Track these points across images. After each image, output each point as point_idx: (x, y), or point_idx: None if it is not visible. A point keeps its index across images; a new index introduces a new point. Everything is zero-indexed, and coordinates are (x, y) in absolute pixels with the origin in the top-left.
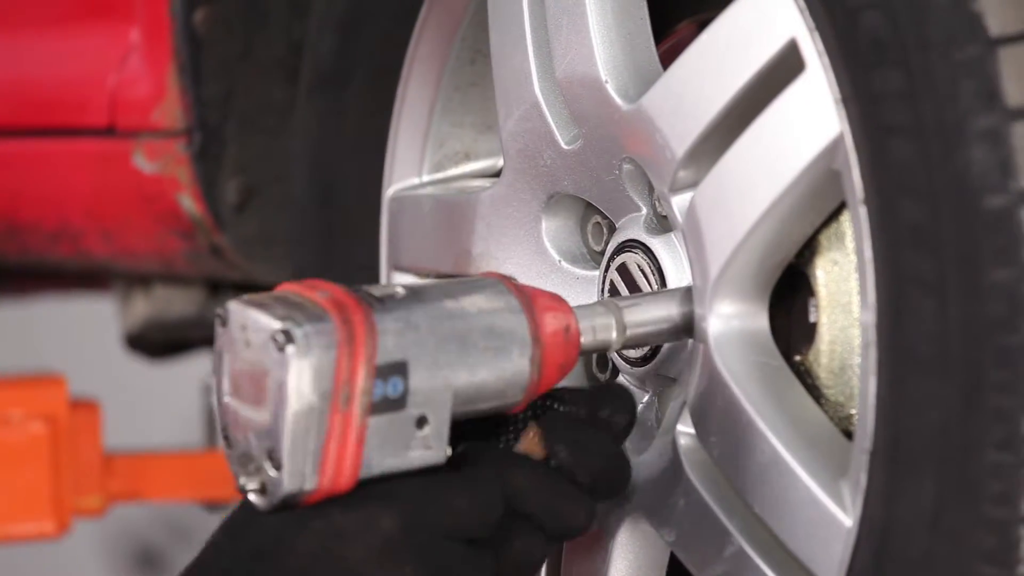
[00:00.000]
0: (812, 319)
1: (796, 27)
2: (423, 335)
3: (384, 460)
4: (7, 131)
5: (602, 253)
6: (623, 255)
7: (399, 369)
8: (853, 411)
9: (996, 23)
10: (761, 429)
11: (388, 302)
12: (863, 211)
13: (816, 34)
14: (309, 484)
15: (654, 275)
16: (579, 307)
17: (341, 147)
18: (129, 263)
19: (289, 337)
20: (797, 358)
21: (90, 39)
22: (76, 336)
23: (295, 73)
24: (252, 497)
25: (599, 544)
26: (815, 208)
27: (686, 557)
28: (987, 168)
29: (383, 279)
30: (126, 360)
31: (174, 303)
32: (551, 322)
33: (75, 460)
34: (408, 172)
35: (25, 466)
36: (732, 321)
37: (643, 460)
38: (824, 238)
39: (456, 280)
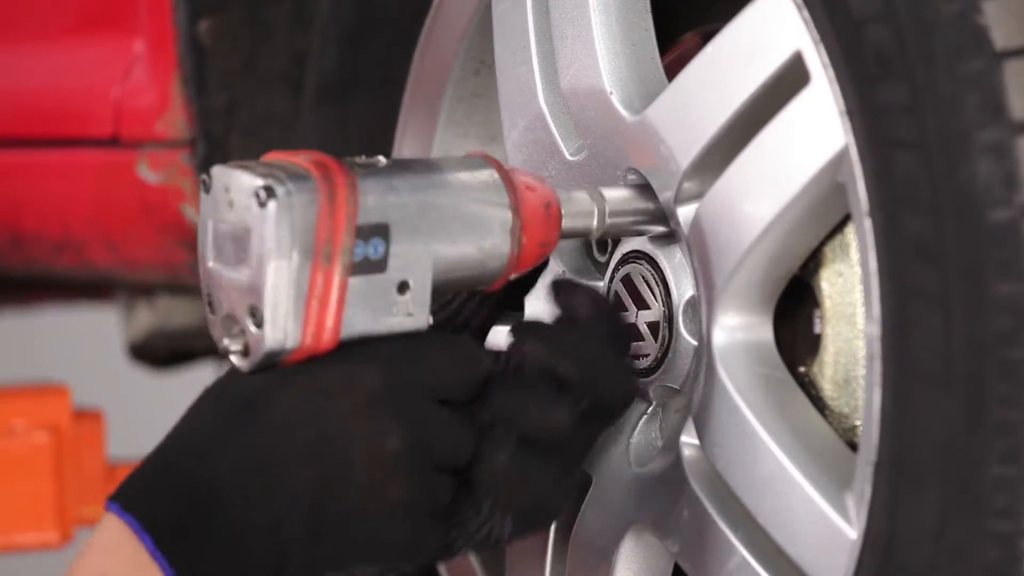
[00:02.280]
0: (817, 331)
1: (801, 39)
2: (405, 200)
3: (366, 322)
4: (11, 141)
5: (606, 264)
6: (627, 266)
7: (380, 231)
8: (857, 423)
9: (1001, 36)
10: (765, 440)
11: (371, 167)
12: (868, 223)
13: (821, 46)
14: (291, 341)
15: (659, 286)
16: (562, 191)
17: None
18: (133, 273)
19: (271, 193)
20: (801, 369)
21: (94, 50)
22: (80, 346)
23: (299, 84)
24: (235, 359)
25: (603, 555)
26: (820, 220)
27: (690, 568)
28: (992, 181)
29: None
30: (130, 370)
31: (178, 313)
32: (532, 198)
33: (79, 470)
34: None
35: (29, 476)
36: (737, 332)
37: (647, 471)
38: (829, 250)
39: (439, 156)
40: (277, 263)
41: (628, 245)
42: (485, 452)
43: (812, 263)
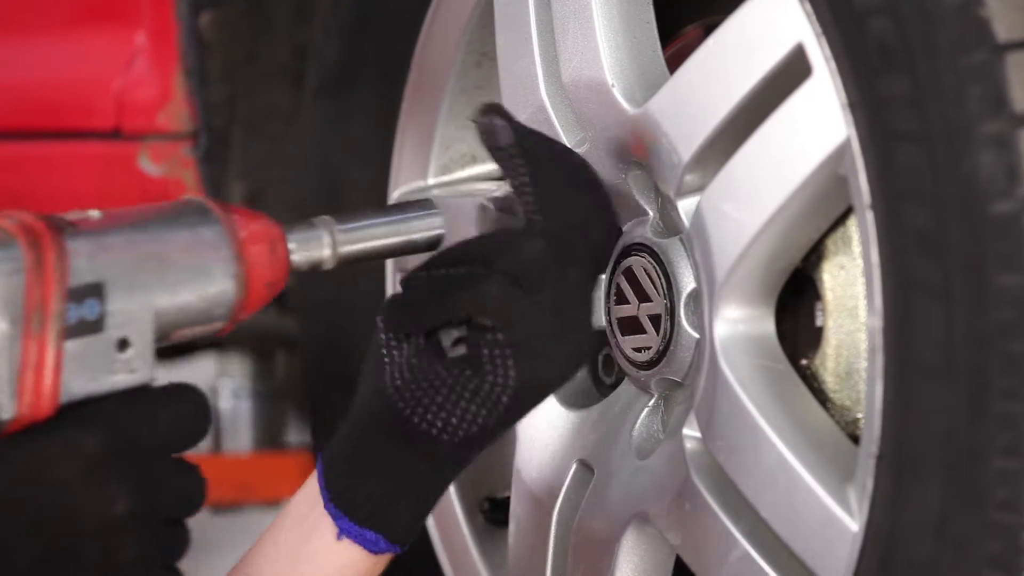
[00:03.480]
0: (819, 323)
1: (803, 32)
2: (118, 256)
3: (86, 384)
4: (13, 134)
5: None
6: (629, 259)
7: (94, 291)
8: (859, 415)
9: (1003, 29)
10: (767, 433)
11: (81, 226)
12: (870, 216)
13: (823, 39)
14: (7, 412)
15: (660, 279)
16: (290, 225)
17: (347, 150)
18: None
19: None
20: (803, 362)
21: (96, 42)
22: None
23: (300, 77)
24: None
25: (605, 547)
26: (822, 213)
27: (692, 561)
28: (994, 174)
29: (389, 282)
30: None
31: None
32: (255, 238)
33: None
34: (414, 175)
35: None
36: (738, 325)
37: (649, 463)
38: (831, 242)
39: (155, 204)
40: None
41: (630, 238)
42: (472, 289)
43: (814, 256)
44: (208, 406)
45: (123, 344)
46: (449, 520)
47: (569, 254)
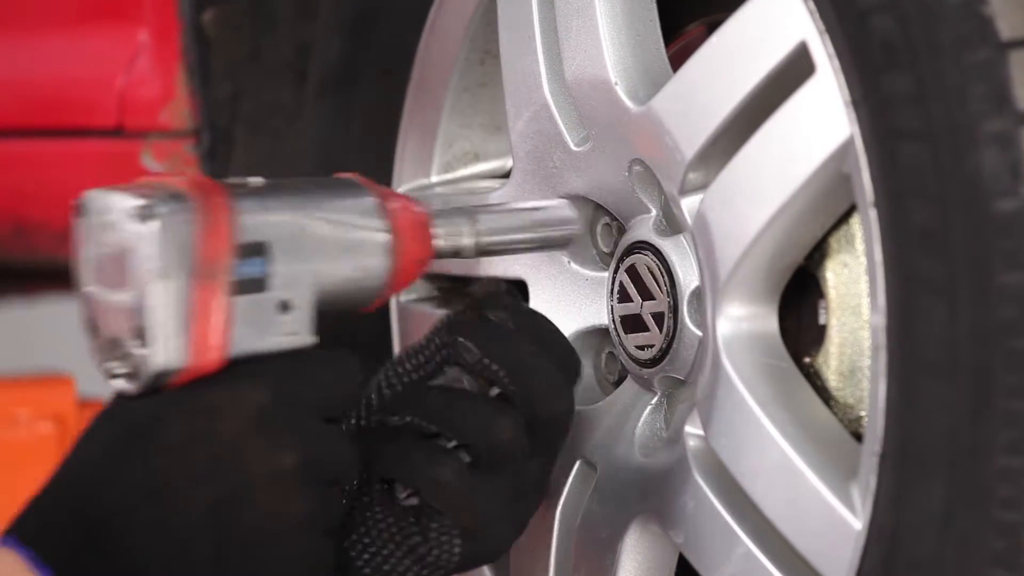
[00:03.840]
0: (822, 321)
1: (806, 30)
2: (282, 219)
3: (250, 342)
4: (16, 131)
5: (611, 255)
6: (632, 256)
7: (260, 250)
8: (862, 413)
9: (1007, 27)
10: (770, 431)
11: (248, 188)
12: (873, 214)
13: (826, 37)
14: (178, 360)
15: (663, 276)
16: (438, 210)
17: (350, 148)
18: None
19: (150, 212)
20: (806, 360)
21: (99, 40)
22: (84, 336)
23: (303, 75)
24: (121, 383)
25: (608, 546)
26: (825, 211)
27: (695, 559)
28: (997, 172)
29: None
30: None
31: None
32: (406, 216)
33: None
34: (417, 173)
35: (33, 466)
36: (741, 323)
37: (652, 462)
38: (834, 240)
39: (311, 177)
40: (160, 283)
41: (633, 236)
42: (428, 468)
43: (817, 254)
44: (359, 372)
45: (285, 306)
46: None
47: (542, 441)
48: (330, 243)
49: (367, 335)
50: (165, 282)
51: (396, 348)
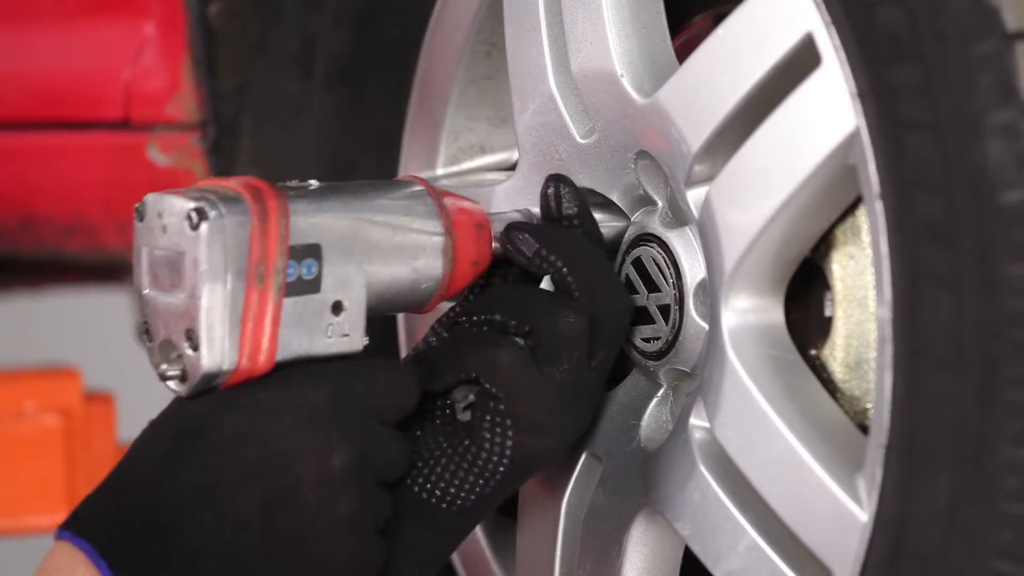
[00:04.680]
0: (828, 313)
1: (812, 21)
2: (336, 222)
3: (302, 343)
4: (23, 124)
5: (618, 246)
6: (638, 249)
7: (312, 251)
8: (869, 406)
9: (1013, 18)
10: (776, 423)
11: (302, 190)
12: (879, 206)
13: (833, 28)
14: (228, 363)
15: (669, 269)
16: (494, 212)
17: (356, 140)
18: None
19: (203, 215)
20: (813, 352)
21: (105, 33)
22: (91, 329)
23: (310, 67)
24: (173, 385)
25: (614, 538)
26: (831, 203)
27: (701, 551)
28: (1004, 163)
29: None
30: (141, 353)
31: None
32: (463, 219)
33: (89, 453)
34: (423, 165)
35: (39, 459)
36: (747, 315)
37: (658, 454)
38: (840, 232)
39: (369, 180)
40: (211, 285)
41: (639, 228)
42: (485, 352)
43: (823, 245)
44: (415, 382)
45: (337, 307)
46: None
47: (601, 337)
48: (384, 245)
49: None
50: (217, 285)
51: (402, 335)
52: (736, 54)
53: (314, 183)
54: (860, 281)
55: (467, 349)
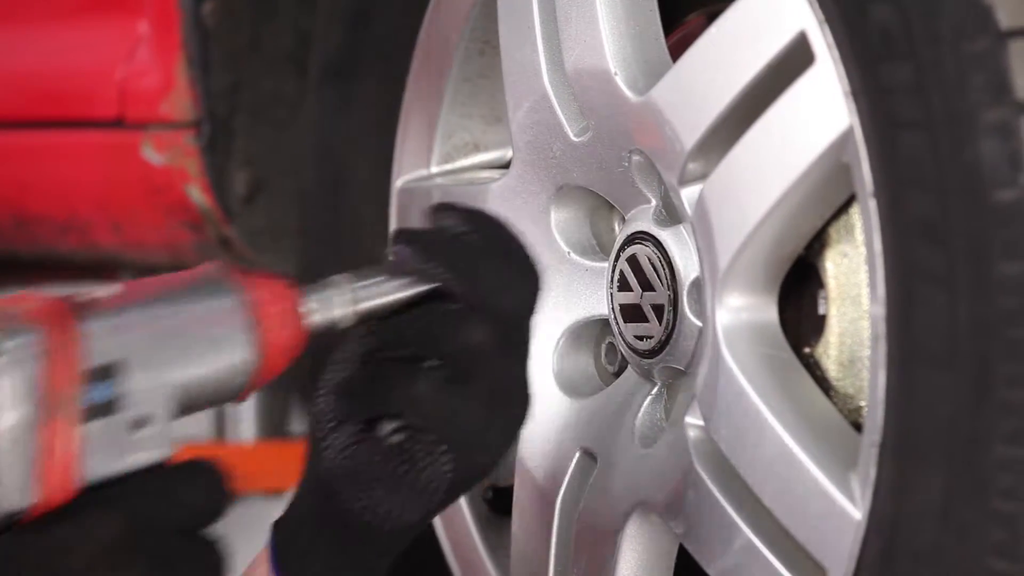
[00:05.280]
0: (821, 311)
1: (806, 20)
2: (135, 336)
3: (105, 465)
4: (17, 123)
5: (611, 244)
6: (632, 247)
7: (111, 372)
8: (862, 403)
9: (1006, 16)
10: (770, 421)
11: (97, 306)
12: (873, 204)
13: (826, 27)
14: (27, 500)
15: (663, 267)
16: (310, 286)
17: (350, 139)
18: (138, 254)
19: None
20: (806, 350)
21: (99, 31)
22: None
23: (304, 65)
24: None
25: (608, 536)
26: (824, 201)
27: (695, 549)
28: (997, 161)
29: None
30: None
31: None
32: (272, 308)
33: None
34: (417, 163)
35: None
36: (741, 313)
37: (652, 452)
38: (834, 230)
39: (172, 274)
40: (3, 425)
41: (632, 226)
42: (404, 387)
43: (817, 244)
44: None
45: (141, 422)
46: (452, 509)
47: (508, 332)
48: (189, 349)
49: None
50: (8, 424)
51: None
52: (729, 52)
53: (111, 292)
54: (854, 279)
55: (386, 386)
